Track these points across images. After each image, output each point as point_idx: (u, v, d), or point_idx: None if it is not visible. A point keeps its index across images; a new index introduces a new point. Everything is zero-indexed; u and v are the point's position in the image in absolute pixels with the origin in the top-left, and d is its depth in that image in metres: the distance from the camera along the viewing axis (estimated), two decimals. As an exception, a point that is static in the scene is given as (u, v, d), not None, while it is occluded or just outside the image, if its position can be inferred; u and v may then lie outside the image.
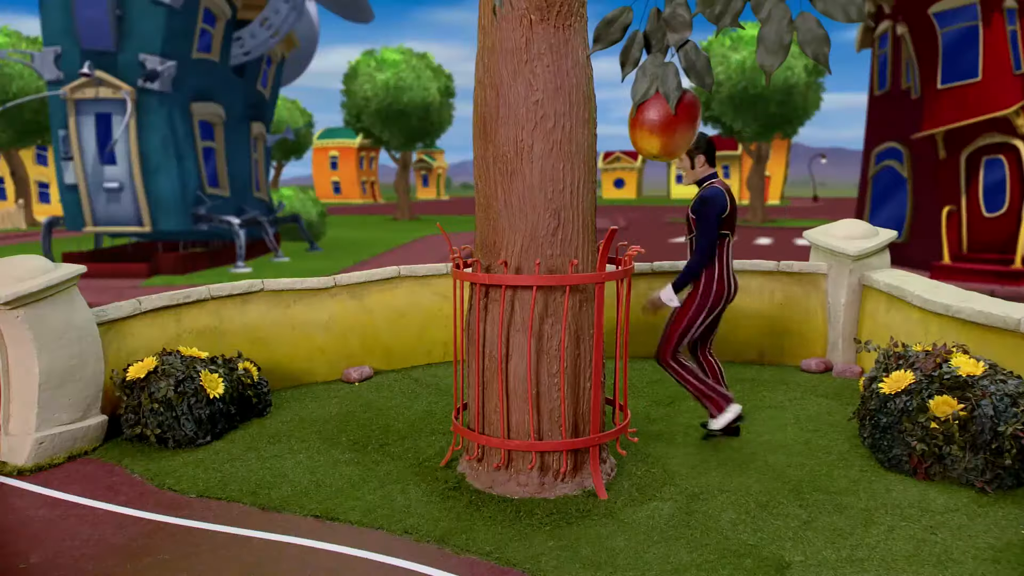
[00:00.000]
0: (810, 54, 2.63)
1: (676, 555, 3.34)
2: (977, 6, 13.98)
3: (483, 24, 3.92)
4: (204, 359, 5.12)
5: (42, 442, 4.56)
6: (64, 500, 4.08)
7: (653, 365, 6.64)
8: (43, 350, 4.55)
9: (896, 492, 3.96)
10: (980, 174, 14.23)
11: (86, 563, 3.37)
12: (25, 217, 34.90)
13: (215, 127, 17.75)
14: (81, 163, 15.71)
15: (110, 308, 5.15)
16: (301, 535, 3.62)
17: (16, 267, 4.60)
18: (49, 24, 15.62)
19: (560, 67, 3.77)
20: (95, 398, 4.85)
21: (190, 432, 4.79)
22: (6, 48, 29.40)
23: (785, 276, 6.65)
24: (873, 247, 6.34)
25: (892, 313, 5.88)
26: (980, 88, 13.95)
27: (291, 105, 46.58)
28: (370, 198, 65.60)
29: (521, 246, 3.89)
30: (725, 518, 3.70)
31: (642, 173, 75.84)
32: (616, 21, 3.33)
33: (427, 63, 34.35)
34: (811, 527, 3.58)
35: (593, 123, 3.97)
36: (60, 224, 17.03)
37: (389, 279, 6.56)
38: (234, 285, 5.90)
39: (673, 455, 4.55)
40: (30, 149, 36.72)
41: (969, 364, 4.10)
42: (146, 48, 15.50)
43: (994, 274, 13.31)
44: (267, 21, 18.08)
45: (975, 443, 3.91)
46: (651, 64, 3.14)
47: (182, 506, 3.97)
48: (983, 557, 3.28)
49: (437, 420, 5.22)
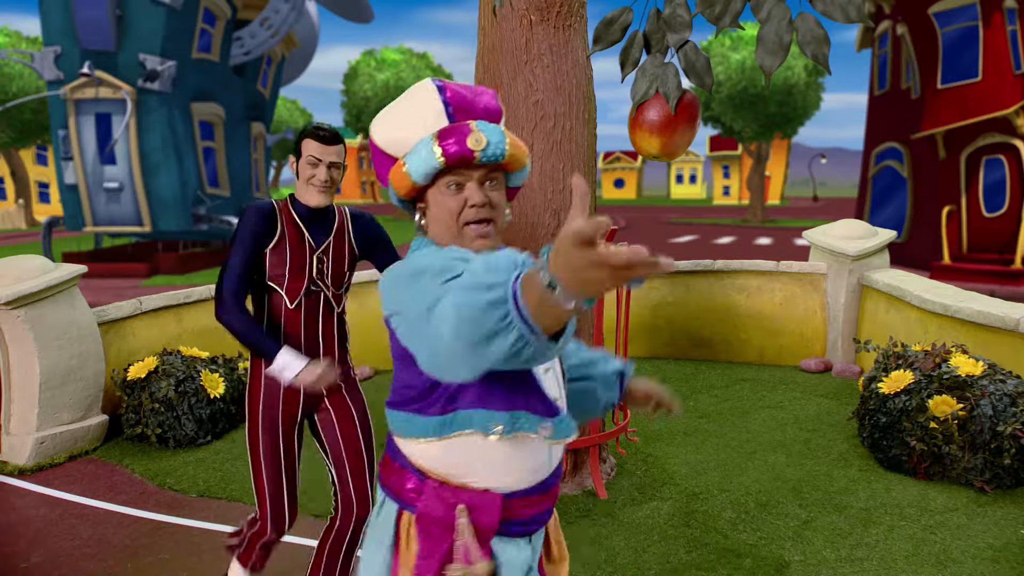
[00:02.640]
0: (810, 55, 2.64)
1: (675, 555, 3.34)
2: (977, 6, 13.99)
3: (483, 24, 3.93)
4: (205, 359, 5.13)
5: (43, 442, 4.56)
6: (65, 500, 4.09)
7: (653, 365, 6.65)
8: (44, 350, 4.55)
9: (895, 492, 3.96)
10: (980, 174, 14.24)
11: (87, 562, 3.38)
12: (25, 217, 34.91)
13: (215, 127, 17.76)
14: (81, 163, 15.72)
15: (111, 308, 5.15)
16: (301, 535, 3.62)
17: (16, 267, 4.60)
18: (49, 24, 15.63)
19: (560, 67, 3.78)
20: (96, 398, 4.86)
21: (191, 432, 4.79)
22: (6, 48, 29.40)
23: (785, 276, 6.66)
24: (872, 247, 6.34)
25: (891, 313, 5.88)
26: (980, 88, 13.96)
27: (291, 105, 46.60)
28: (370, 198, 65.59)
29: (520, 246, 3.89)
30: (724, 518, 3.70)
31: (642, 173, 75.87)
32: (616, 22, 3.34)
33: (427, 63, 34.38)
34: (810, 527, 3.59)
35: (593, 123, 3.98)
36: (60, 224, 17.04)
37: (389, 279, 6.56)
38: (234, 285, 5.90)
39: (673, 455, 4.55)
40: (30, 149, 36.74)
41: (968, 364, 4.10)
42: (146, 48, 15.51)
43: (994, 274, 13.32)
44: (267, 21, 18.09)
45: (974, 443, 3.92)
46: (651, 65, 3.15)
47: (183, 505, 3.97)
48: (982, 556, 3.28)
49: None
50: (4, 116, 29.61)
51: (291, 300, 2.54)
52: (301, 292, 2.55)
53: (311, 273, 2.56)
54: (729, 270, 6.77)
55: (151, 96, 15.73)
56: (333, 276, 2.63)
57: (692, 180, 73.33)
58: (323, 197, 2.50)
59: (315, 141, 2.45)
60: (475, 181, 1.41)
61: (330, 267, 2.61)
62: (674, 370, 6.53)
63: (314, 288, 2.58)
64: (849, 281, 6.37)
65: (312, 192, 2.51)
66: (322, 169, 2.47)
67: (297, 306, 2.55)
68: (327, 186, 2.49)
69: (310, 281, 2.57)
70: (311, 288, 2.57)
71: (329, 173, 2.49)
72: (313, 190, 2.50)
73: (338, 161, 2.50)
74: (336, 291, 2.66)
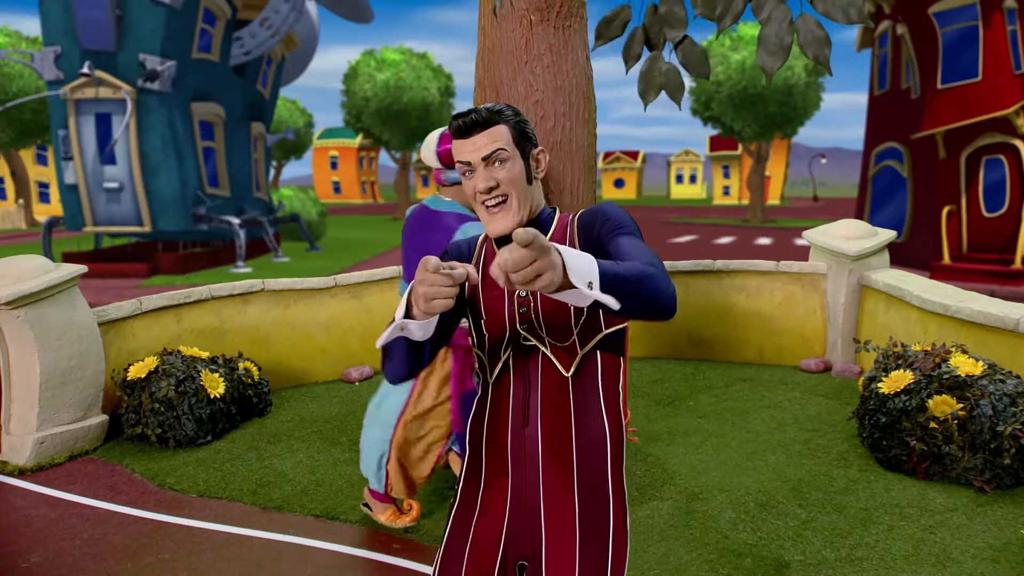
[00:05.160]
0: (811, 56, 2.64)
1: (675, 555, 3.34)
2: (977, 6, 13.99)
3: (483, 24, 3.93)
4: (205, 359, 5.13)
5: (43, 442, 4.56)
6: (65, 499, 4.09)
7: (653, 364, 6.65)
8: (44, 350, 4.55)
9: (895, 492, 3.96)
10: (980, 174, 14.23)
11: (87, 562, 3.38)
12: (25, 217, 34.92)
13: (215, 127, 17.76)
14: (81, 163, 15.72)
15: (111, 308, 5.16)
16: (301, 535, 3.63)
17: (17, 267, 4.61)
18: (49, 24, 15.63)
19: (560, 67, 3.78)
20: (96, 398, 4.86)
21: (191, 432, 4.79)
22: (6, 48, 29.40)
23: (785, 276, 6.66)
24: (872, 247, 6.34)
25: (891, 313, 5.88)
26: (980, 88, 13.96)
27: (291, 105, 46.58)
28: (370, 198, 65.61)
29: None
30: (724, 518, 3.70)
31: (642, 173, 75.89)
32: (616, 19, 3.36)
33: (427, 63, 34.37)
34: (810, 527, 3.59)
35: (593, 123, 3.98)
36: (60, 224, 17.04)
37: (389, 279, 6.57)
38: (234, 285, 5.91)
39: (673, 455, 4.55)
40: (30, 149, 36.76)
41: (968, 364, 4.10)
42: (146, 48, 15.51)
43: (994, 274, 13.31)
44: (267, 21, 18.09)
45: (974, 443, 3.92)
46: (652, 68, 3.17)
47: (183, 505, 3.98)
48: (982, 556, 3.28)
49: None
50: (4, 116, 29.62)
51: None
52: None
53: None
54: (729, 270, 6.77)
55: (151, 96, 15.73)
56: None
57: (692, 180, 73.36)
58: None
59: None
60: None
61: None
62: (674, 370, 6.53)
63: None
64: (849, 281, 6.37)
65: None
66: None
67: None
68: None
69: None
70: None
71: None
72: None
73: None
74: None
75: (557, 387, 1.60)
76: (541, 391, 1.61)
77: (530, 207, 1.62)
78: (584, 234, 1.62)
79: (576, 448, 1.60)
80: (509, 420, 1.63)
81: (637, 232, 1.57)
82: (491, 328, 1.65)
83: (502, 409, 1.64)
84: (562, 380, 1.60)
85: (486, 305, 1.65)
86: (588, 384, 1.61)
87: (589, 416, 1.61)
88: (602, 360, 1.63)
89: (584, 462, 1.60)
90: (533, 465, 1.61)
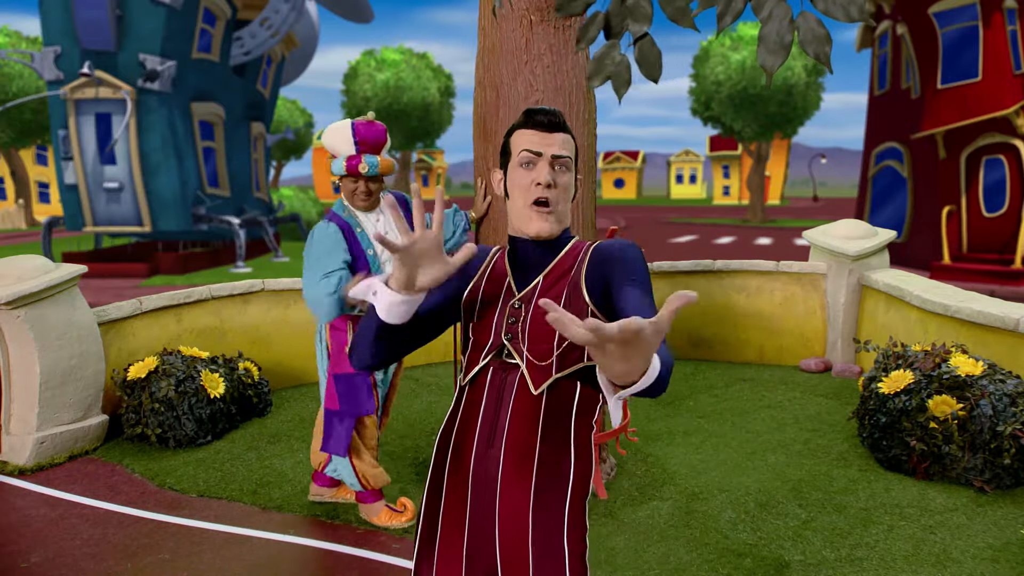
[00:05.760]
0: (811, 54, 2.64)
1: (675, 555, 3.34)
2: (977, 6, 13.99)
3: (483, 24, 3.93)
4: (205, 359, 5.13)
5: (43, 442, 4.56)
6: (65, 499, 4.09)
7: (653, 365, 6.64)
8: (44, 350, 4.55)
9: (895, 492, 3.96)
10: (980, 174, 14.23)
11: (87, 562, 3.38)
12: (25, 217, 34.92)
13: (215, 127, 17.76)
14: (81, 163, 15.72)
15: (111, 308, 5.15)
16: (301, 535, 3.63)
17: (17, 267, 4.61)
18: (49, 24, 15.63)
19: (560, 67, 3.78)
20: (96, 398, 4.86)
21: (191, 432, 4.79)
22: (6, 48, 29.41)
23: (785, 276, 6.66)
24: (872, 247, 6.34)
25: (891, 313, 5.88)
26: (980, 88, 13.96)
27: (291, 105, 46.56)
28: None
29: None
30: (724, 518, 3.70)
31: (642, 173, 75.89)
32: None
33: (427, 63, 34.38)
34: (810, 527, 3.59)
35: (593, 123, 3.98)
36: (60, 224, 17.04)
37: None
38: (234, 285, 5.91)
39: (673, 455, 4.55)
40: (30, 149, 36.75)
41: (968, 364, 4.10)
42: (146, 48, 15.51)
43: (994, 274, 13.31)
44: (267, 21, 18.09)
45: (974, 443, 3.92)
46: (607, 56, 3.20)
47: (183, 505, 3.97)
48: (982, 556, 3.28)
49: (436, 419, 5.22)
50: (4, 116, 29.62)
51: None
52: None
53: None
54: (729, 270, 6.77)
55: (151, 96, 15.73)
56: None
57: (692, 180, 73.35)
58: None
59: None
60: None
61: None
62: (674, 370, 6.52)
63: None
64: (849, 281, 6.37)
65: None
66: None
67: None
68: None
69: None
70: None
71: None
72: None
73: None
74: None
75: (527, 409, 1.55)
76: (511, 410, 1.56)
77: (563, 223, 1.62)
78: (595, 267, 1.57)
79: (536, 476, 1.55)
80: (475, 440, 1.60)
81: (648, 284, 1.52)
82: (478, 334, 1.64)
83: (470, 427, 1.61)
84: (533, 402, 1.55)
85: (479, 311, 1.64)
86: (561, 415, 1.57)
87: (558, 450, 1.57)
88: (580, 393, 1.58)
89: (542, 496, 1.56)
90: (492, 491, 1.58)
